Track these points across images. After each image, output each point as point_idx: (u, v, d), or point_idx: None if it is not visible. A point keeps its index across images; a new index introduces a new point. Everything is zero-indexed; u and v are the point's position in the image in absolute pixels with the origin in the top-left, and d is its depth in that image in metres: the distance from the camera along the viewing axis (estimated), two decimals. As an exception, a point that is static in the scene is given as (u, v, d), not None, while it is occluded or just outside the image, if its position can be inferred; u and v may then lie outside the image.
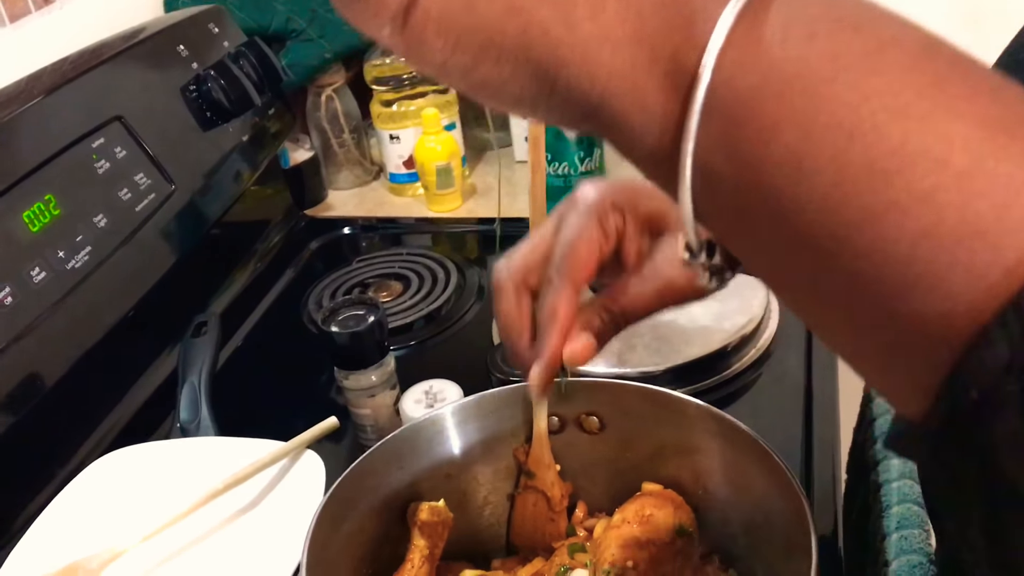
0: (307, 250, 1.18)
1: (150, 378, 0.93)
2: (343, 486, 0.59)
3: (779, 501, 0.56)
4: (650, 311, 0.55)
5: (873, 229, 0.24)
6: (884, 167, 0.24)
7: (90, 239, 0.83)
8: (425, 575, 0.61)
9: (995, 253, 0.23)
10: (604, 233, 0.54)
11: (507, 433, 0.66)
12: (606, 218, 0.54)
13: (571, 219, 0.54)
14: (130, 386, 0.91)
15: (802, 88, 0.25)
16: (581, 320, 0.54)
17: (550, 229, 0.55)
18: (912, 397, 0.25)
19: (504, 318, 0.57)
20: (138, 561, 0.64)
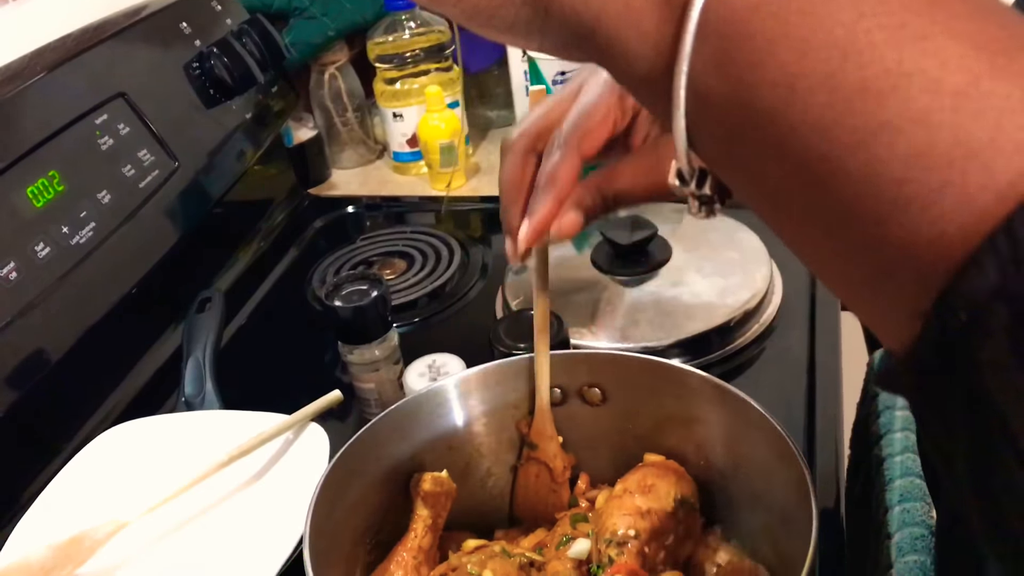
0: (311, 229, 1.18)
1: (154, 355, 0.93)
2: (346, 457, 0.59)
3: (781, 471, 0.56)
4: (641, 202, 0.54)
5: (865, 150, 0.24)
6: (878, 87, 0.24)
7: (94, 215, 0.83)
8: (428, 544, 0.61)
9: (988, 175, 0.23)
10: (621, 108, 0.53)
11: (510, 405, 0.66)
12: (625, 95, 0.53)
13: (591, 87, 0.53)
14: (135, 363, 0.91)
15: (798, 7, 0.25)
16: (573, 196, 0.53)
17: (568, 95, 0.55)
18: (902, 326, 0.25)
19: (506, 176, 0.56)
20: (143, 532, 0.64)
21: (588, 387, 0.65)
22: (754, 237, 0.95)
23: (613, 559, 0.56)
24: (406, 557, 0.60)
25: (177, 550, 0.63)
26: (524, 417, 0.66)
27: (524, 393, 0.66)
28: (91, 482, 0.69)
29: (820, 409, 0.80)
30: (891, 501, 0.78)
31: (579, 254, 0.97)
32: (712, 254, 0.93)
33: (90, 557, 0.62)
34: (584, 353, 0.65)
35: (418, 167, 1.25)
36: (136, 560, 0.63)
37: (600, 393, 0.65)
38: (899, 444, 0.82)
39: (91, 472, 0.70)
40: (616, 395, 0.65)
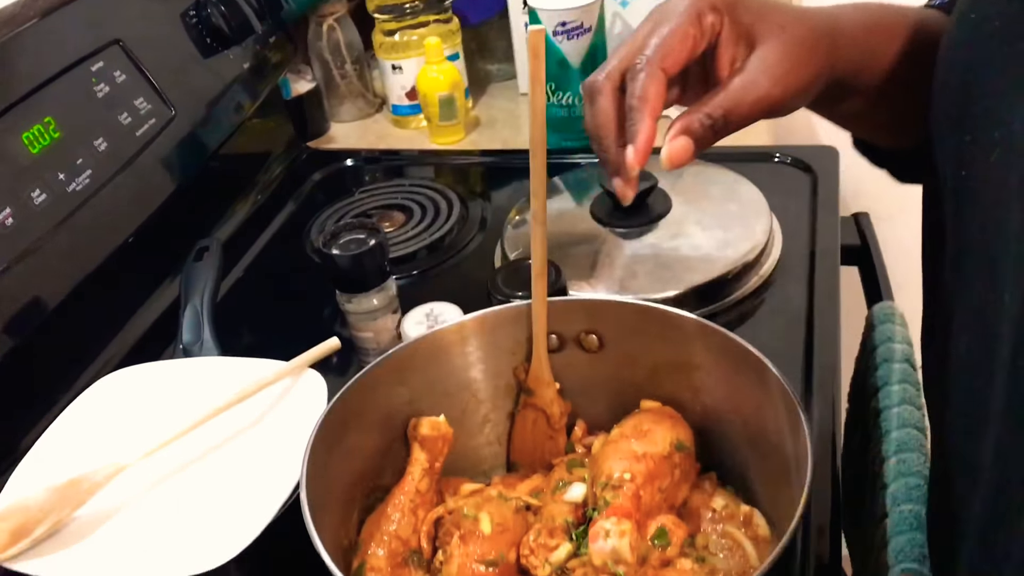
0: (309, 182, 1.18)
1: (152, 305, 0.93)
2: (343, 401, 0.59)
3: (777, 416, 0.56)
4: (749, 120, 0.55)
5: None
6: None
7: (90, 162, 0.83)
8: (425, 488, 0.61)
9: None
10: (700, 28, 0.54)
11: (507, 351, 0.66)
12: (704, 15, 0.54)
13: (667, 19, 0.55)
14: (133, 312, 0.91)
15: None
16: (681, 123, 0.55)
17: (644, 33, 0.56)
18: None
19: (598, 116, 0.57)
20: (142, 476, 0.64)
21: (585, 334, 0.65)
22: (754, 190, 0.94)
23: (608, 502, 0.56)
24: (403, 500, 0.61)
25: (175, 494, 0.64)
26: (521, 364, 0.66)
27: (521, 340, 0.66)
28: (89, 427, 0.69)
29: (818, 361, 0.80)
30: (887, 452, 0.79)
31: (578, 206, 0.96)
32: (712, 206, 0.92)
33: (88, 499, 0.62)
34: (582, 299, 0.65)
35: (417, 120, 1.24)
36: (135, 503, 0.63)
37: (597, 340, 0.65)
38: (896, 396, 0.82)
39: (90, 417, 0.70)
40: (613, 342, 0.65)
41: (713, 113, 0.54)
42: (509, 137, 1.20)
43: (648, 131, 0.54)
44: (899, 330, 0.89)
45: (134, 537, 0.61)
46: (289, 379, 0.70)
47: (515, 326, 0.65)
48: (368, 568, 0.58)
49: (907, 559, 0.70)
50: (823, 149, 1.06)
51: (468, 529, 0.57)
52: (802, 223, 0.96)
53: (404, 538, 0.59)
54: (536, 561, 0.56)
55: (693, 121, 0.55)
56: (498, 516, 0.58)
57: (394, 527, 0.59)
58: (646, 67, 0.54)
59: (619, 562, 0.53)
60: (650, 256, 0.88)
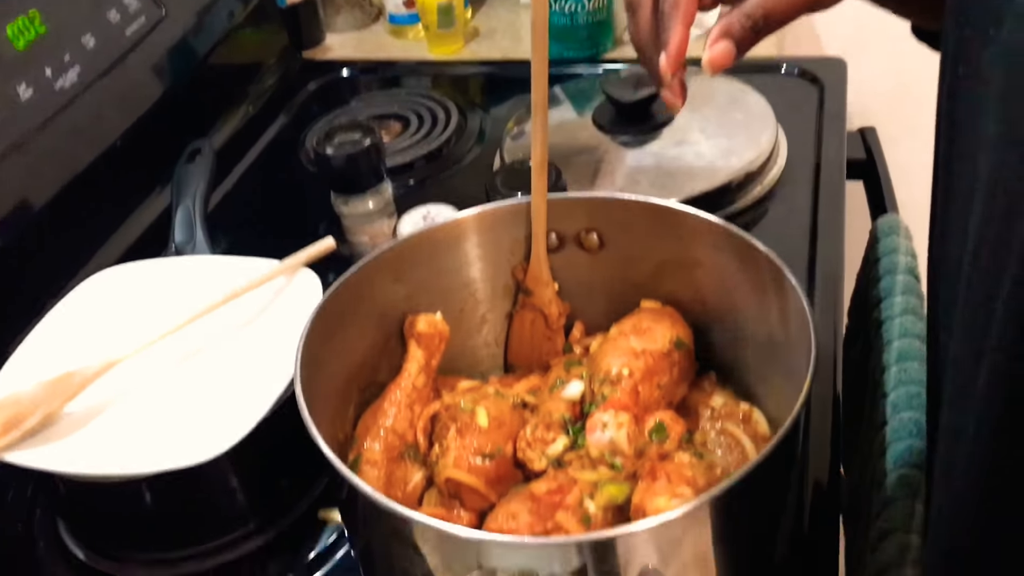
0: (304, 92, 1.15)
1: (145, 211, 0.92)
2: (338, 294, 0.58)
3: (779, 310, 0.55)
4: (791, 17, 0.54)
5: None
6: None
7: (78, 59, 0.80)
8: (422, 384, 0.61)
9: None
10: None
11: (506, 250, 0.65)
12: None
13: None
14: (125, 217, 0.90)
15: None
16: (720, 27, 0.54)
17: None
18: None
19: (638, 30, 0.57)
20: (135, 371, 0.63)
21: (586, 232, 0.64)
22: (760, 99, 0.92)
23: (607, 396, 0.56)
24: (399, 396, 0.60)
25: (169, 388, 0.63)
26: (520, 263, 0.65)
27: (520, 238, 0.64)
28: (81, 323, 0.68)
29: (820, 270, 0.79)
30: (888, 361, 0.78)
31: (579, 116, 0.94)
32: (717, 115, 0.90)
33: (80, 393, 0.62)
34: (583, 196, 0.63)
35: (415, 30, 1.21)
36: (127, 397, 0.62)
37: (598, 239, 0.64)
38: (899, 307, 0.81)
39: (81, 313, 0.69)
40: (614, 240, 0.64)
41: (753, 13, 0.53)
42: (509, 48, 1.18)
43: (679, 37, 0.54)
44: (903, 242, 0.88)
45: (126, 430, 0.60)
46: (283, 278, 0.69)
47: (514, 224, 0.64)
48: (364, 462, 0.57)
49: (905, 465, 0.69)
50: (831, 61, 1.04)
51: (465, 422, 0.56)
52: (808, 135, 0.95)
53: (400, 433, 0.59)
54: (533, 454, 0.56)
55: (733, 23, 0.54)
56: (495, 411, 0.57)
57: (390, 422, 0.59)
58: None
59: (616, 453, 0.52)
60: (652, 164, 0.86)
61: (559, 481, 0.52)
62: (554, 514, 0.50)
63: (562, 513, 0.50)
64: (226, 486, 0.63)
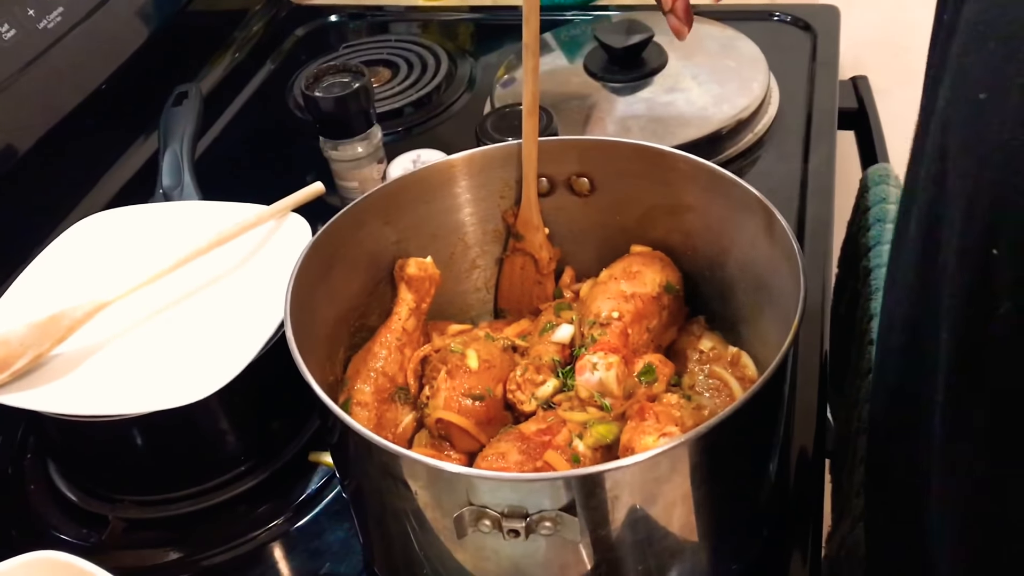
0: (291, 38, 1.13)
1: (132, 156, 0.91)
2: (327, 236, 0.58)
3: (768, 251, 0.55)
4: None
5: None
6: None
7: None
8: (412, 327, 0.61)
9: None
10: None
11: (496, 194, 0.65)
12: None
13: None
14: (112, 163, 0.89)
15: None
16: None
17: None
18: None
19: None
20: (124, 313, 0.63)
21: (577, 176, 0.64)
22: (752, 46, 0.91)
23: (596, 339, 0.56)
24: (389, 338, 0.60)
25: (159, 330, 0.63)
26: (510, 207, 0.65)
27: (511, 181, 0.64)
28: (70, 266, 0.68)
29: (811, 215, 0.80)
30: (874, 310, 0.79)
31: (571, 63, 0.93)
32: (709, 61, 0.90)
33: (69, 336, 0.61)
34: (574, 139, 0.63)
35: (404, -24, 1.19)
36: (117, 339, 0.62)
37: (588, 183, 0.64)
38: (887, 255, 0.81)
39: (69, 257, 0.68)
40: (605, 185, 0.63)
41: None
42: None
43: None
44: (893, 191, 0.88)
45: (116, 372, 0.60)
46: (273, 223, 0.69)
47: (504, 168, 0.63)
48: (354, 403, 0.58)
49: (890, 410, 0.70)
50: (824, 8, 1.03)
51: (455, 364, 0.57)
52: (800, 82, 0.94)
53: (390, 375, 0.59)
54: (523, 396, 0.56)
55: None
56: (485, 353, 0.58)
57: (380, 364, 0.59)
58: None
59: (605, 394, 0.53)
60: (644, 111, 0.86)
61: (548, 422, 0.53)
62: (543, 453, 0.50)
63: (551, 452, 0.50)
64: (217, 427, 0.63)
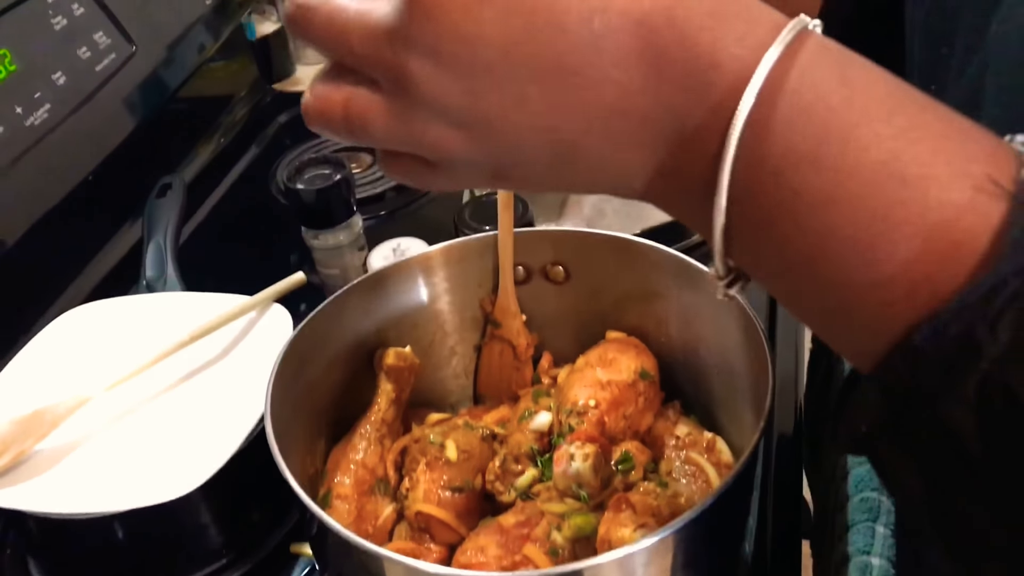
0: (274, 124, 1.16)
1: (116, 246, 0.92)
2: (308, 329, 0.59)
3: (739, 342, 0.56)
4: None
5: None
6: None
7: (49, 96, 0.81)
8: (392, 418, 0.62)
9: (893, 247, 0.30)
10: None
11: (473, 283, 0.66)
12: None
13: None
14: (95, 253, 0.90)
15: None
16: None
17: None
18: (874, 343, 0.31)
19: None
20: (106, 408, 0.64)
21: (552, 265, 0.65)
22: (723, 130, 0.94)
23: (573, 428, 0.57)
24: (369, 430, 0.61)
25: (141, 426, 0.63)
26: (488, 295, 0.66)
27: (488, 270, 0.65)
28: (53, 361, 0.68)
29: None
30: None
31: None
32: (680, 145, 0.92)
33: (51, 432, 0.62)
34: (548, 230, 0.65)
35: (385, 62, 1.22)
36: (99, 435, 0.63)
37: (564, 271, 0.65)
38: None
39: (52, 351, 0.69)
40: (579, 273, 0.65)
41: None
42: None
43: None
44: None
45: (98, 468, 0.60)
46: (254, 313, 0.70)
47: (481, 257, 0.65)
48: (334, 496, 0.58)
49: (867, 488, 0.71)
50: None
51: (434, 456, 0.57)
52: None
53: (370, 467, 0.59)
54: (501, 487, 0.57)
55: None
56: (464, 443, 0.58)
57: (360, 456, 0.60)
58: None
59: (583, 485, 0.53)
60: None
61: (527, 513, 0.53)
62: (522, 547, 0.51)
63: (530, 546, 0.51)
64: (199, 521, 0.63)
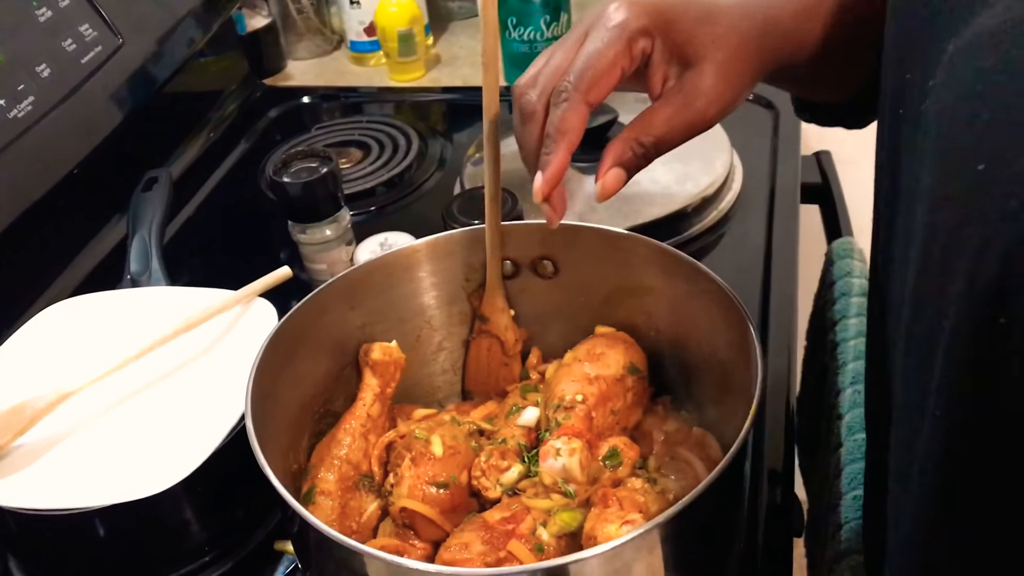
0: (264, 119, 1.15)
1: (101, 241, 0.91)
2: (291, 324, 0.58)
3: (728, 335, 0.56)
4: (680, 141, 0.54)
5: None
6: None
7: (33, 89, 0.80)
8: (377, 413, 0.61)
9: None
10: (629, 56, 0.52)
11: (461, 277, 0.65)
12: (634, 40, 0.52)
13: (596, 35, 0.52)
14: (81, 247, 0.89)
15: None
16: (612, 153, 0.53)
17: (572, 44, 0.53)
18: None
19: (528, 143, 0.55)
20: (88, 403, 0.63)
21: (540, 259, 0.65)
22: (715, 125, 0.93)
23: (560, 423, 0.56)
24: (354, 425, 0.60)
25: (122, 420, 0.62)
26: (476, 290, 0.65)
27: (476, 265, 0.65)
28: (34, 355, 0.67)
29: (775, 290, 0.80)
30: (843, 383, 0.79)
31: (538, 142, 0.95)
32: (672, 141, 0.91)
33: (32, 427, 0.61)
34: (536, 223, 0.64)
35: (377, 57, 1.22)
36: (80, 430, 0.62)
37: (552, 266, 0.64)
38: (854, 329, 0.82)
39: (34, 345, 0.68)
40: (568, 267, 0.64)
41: (645, 141, 0.53)
42: (470, 75, 1.18)
43: (559, 163, 0.52)
44: (858, 265, 0.89)
45: (79, 463, 0.59)
46: (239, 308, 0.69)
47: (469, 251, 0.64)
48: (318, 492, 0.57)
49: (859, 486, 0.70)
50: (785, 86, 1.05)
51: (419, 451, 0.56)
52: (763, 160, 0.96)
53: (355, 462, 0.59)
54: (487, 482, 0.56)
55: (625, 151, 0.53)
56: (450, 439, 0.57)
57: (344, 451, 0.59)
58: (571, 97, 0.51)
59: (569, 480, 0.53)
60: (609, 190, 0.87)
61: (512, 509, 0.53)
62: (507, 543, 0.50)
63: (515, 542, 0.50)
64: (180, 517, 0.62)
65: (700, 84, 0.53)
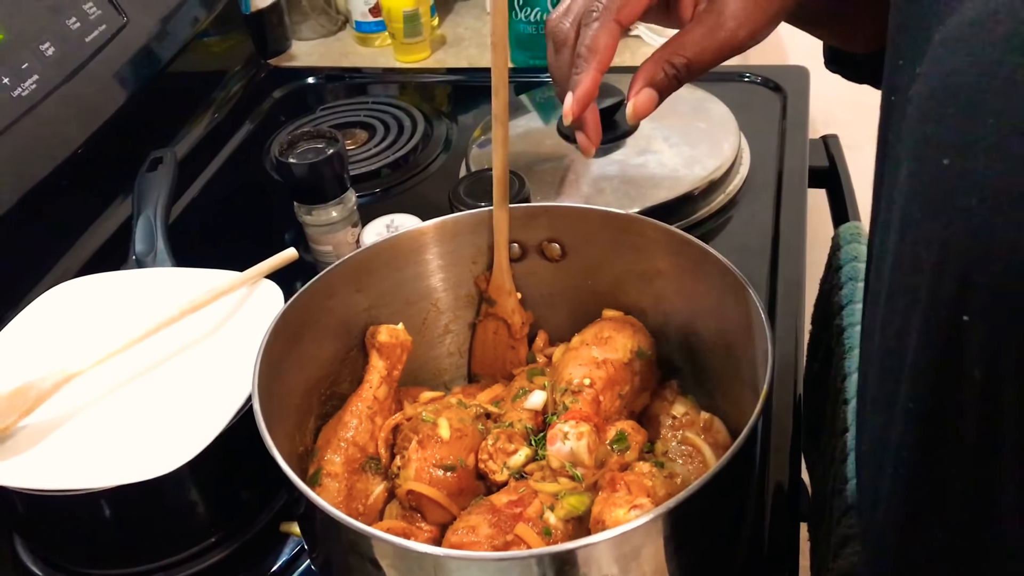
0: (269, 100, 1.14)
1: (106, 221, 0.91)
2: (297, 306, 0.58)
3: (737, 318, 0.55)
4: (711, 64, 0.54)
5: None
6: None
7: (37, 67, 0.79)
8: (383, 396, 0.61)
9: None
10: None
11: (468, 260, 0.65)
12: None
13: None
14: (86, 228, 0.89)
15: None
16: (644, 74, 0.53)
17: None
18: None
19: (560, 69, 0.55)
20: (93, 384, 0.63)
21: (548, 242, 0.64)
22: (723, 108, 0.93)
23: (568, 407, 0.56)
24: (360, 407, 0.60)
25: (128, 401, 0.62)
26: (482, 273, 0.65)
27: (483, 247, 0.64)
28: (39, 336, 0.67)
29: (782, 275, 0.80)
30: (849, 368, 0.79)
31: (545, 125, 0.94)
32: (680, 123, 0.91)
33: (36, 407, 0.61)
34: (544, 205, 0.63)
35: (382, 38, 1.21)
36: (86, 411, 0.61)
37: (560, 248, 0.64)
38: (859, 314, 0.82)
39: (39, 326, 0.68)
40: (576, 250, 0.64)
41: (676, 62, 0.53)
42: (475, 56, 1.18)
43: (590, 82, 0.53)
44: (865, 249, 0.89)
45: (84, 444, 0.59)
46: (245, 289, 0.68)
47: (476, 234, 0.64)
48: (324, 474, 0.57)
49: (865, 471, 0.70)
50: (794, 69, 1.04)
51: (426, 434, 0.56)
52: (771, 143, 0.95)
53: (361, 445, 0.58)
54: (494, 465, 0.56)
55: (657, 71, 0.53)
56: (457, 422, 0.57)
57: (351, 434, 0.59)
58: (601, 16, 0.52)
59: (577, 464, 0.52)
60: (616, 173, 0.87)
61: (520, 493, 0.52)
62: (514, 526, 0.50)
63: (522, 526, 0.50)
64: (186, 499, 0.62)
65: (732, 5, 0.53)
